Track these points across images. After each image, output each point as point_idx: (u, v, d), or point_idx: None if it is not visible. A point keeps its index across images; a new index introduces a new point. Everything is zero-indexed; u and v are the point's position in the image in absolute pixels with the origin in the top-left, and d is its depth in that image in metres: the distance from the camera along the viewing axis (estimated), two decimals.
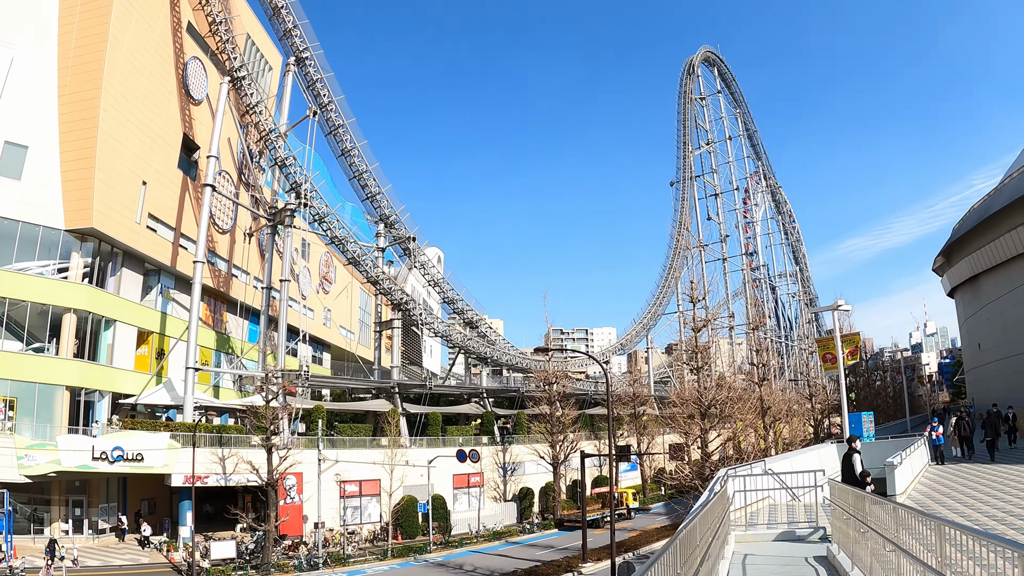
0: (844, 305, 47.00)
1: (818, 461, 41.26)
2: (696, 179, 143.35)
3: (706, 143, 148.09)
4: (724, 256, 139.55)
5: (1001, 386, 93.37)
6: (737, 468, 29.83)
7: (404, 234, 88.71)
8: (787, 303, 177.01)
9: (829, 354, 50.04)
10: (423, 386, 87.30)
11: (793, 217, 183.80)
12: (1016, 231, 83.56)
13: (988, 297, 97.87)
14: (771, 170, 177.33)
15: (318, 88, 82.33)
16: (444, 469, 74.81)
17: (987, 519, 20.40)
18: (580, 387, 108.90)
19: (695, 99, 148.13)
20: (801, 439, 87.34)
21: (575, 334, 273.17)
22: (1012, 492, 26.21)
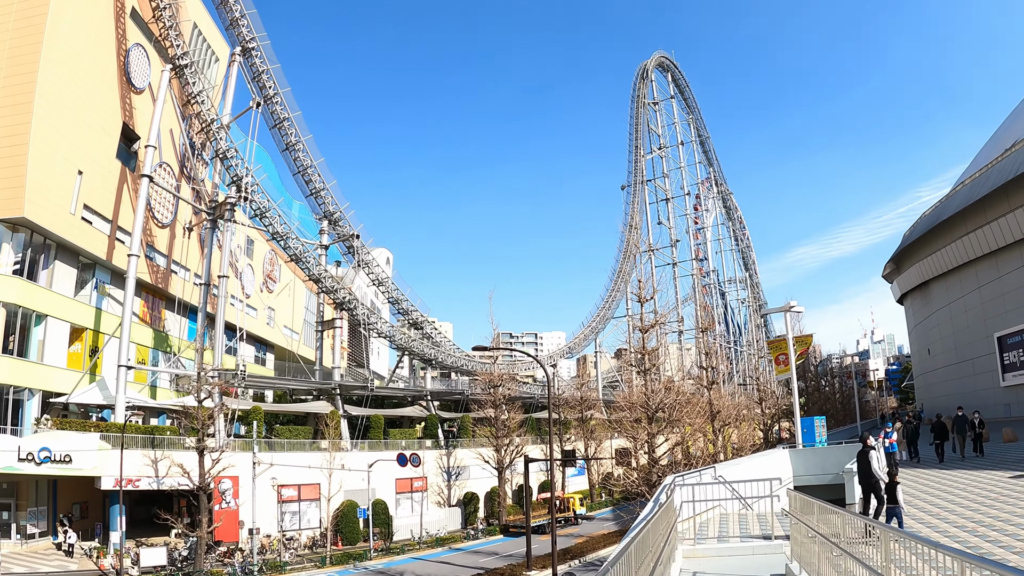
0: (797, 307, 45.87)
1: (772, 467, 40.01)
2: (647, 183, 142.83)
3: (658, 148, 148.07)
4: (674, 261, 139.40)
5: (950, 391, 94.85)
6: (685, 475, 28.15)
7: (348, 231, 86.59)
8: (736, 309, 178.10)
9: (782, 355, 49.05)
10: (365, 388, 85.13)
11: (743, 224, 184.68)
12: (967, 237, 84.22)
13: (938, 303, 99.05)
14: (722, 176, 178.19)
15: (263, 80, 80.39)
16: (386, 473, 72.93)
17: (966, 534, 19.01)
18: (527, 390, 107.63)
19: (648, 103, 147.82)
20: (751, 444, 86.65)
21: (524, 338, 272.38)
22: (975, 500, 24.92)
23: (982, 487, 28.78)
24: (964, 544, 17.34)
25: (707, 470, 31.28)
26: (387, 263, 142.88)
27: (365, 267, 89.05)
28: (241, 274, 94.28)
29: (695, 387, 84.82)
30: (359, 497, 68.17)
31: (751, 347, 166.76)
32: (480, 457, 79.80)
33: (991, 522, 20.66)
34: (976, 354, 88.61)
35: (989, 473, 33.56)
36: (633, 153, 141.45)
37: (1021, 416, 73.88)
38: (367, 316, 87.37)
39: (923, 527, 20.39)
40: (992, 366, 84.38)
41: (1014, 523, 20.22)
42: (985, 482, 30.38)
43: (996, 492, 26.98)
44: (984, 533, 19.01)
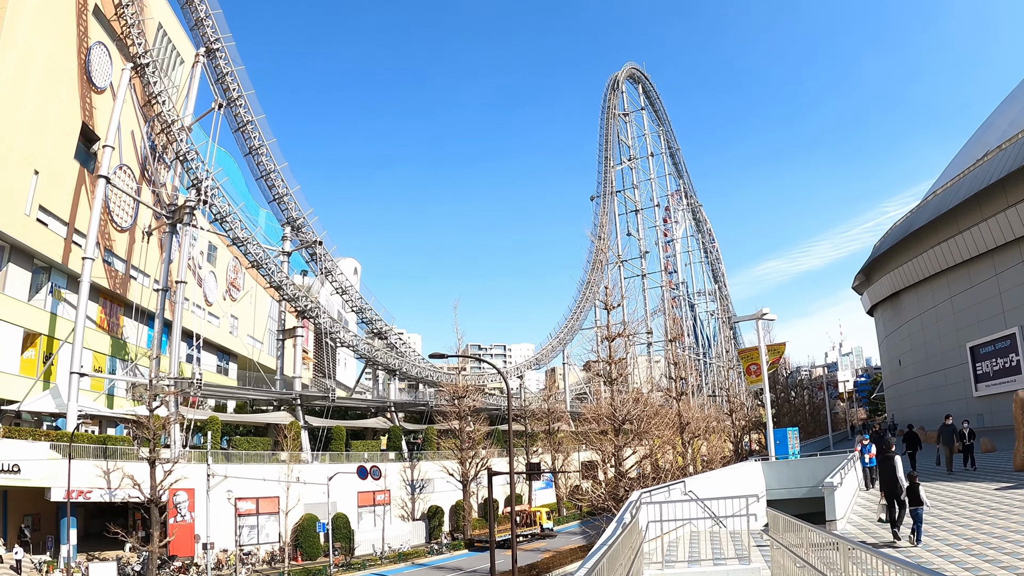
0: (769, 315, 44.59)
1: (744, 481, 38.63)
2: (617, 194, 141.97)
3: (628, 159, 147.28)
4: (643, 272, 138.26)
5: (921, 401, 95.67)
6: (653, 491, 26.43)
7: (311, 238, 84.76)
8: (705, 321, 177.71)
9: (754, 365, 47.87)
10: (325, 398, 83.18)
11: (713, 236, 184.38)
12: (939, 248, 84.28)
13: (909, 314, 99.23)
14: (692, 189, 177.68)
15: (228, 82, 78.59)
16: (348, 486, 71.12)
17: (964, 554, 17.68)
18: (493, 402, 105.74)
19: (619, 115, 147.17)
20: (721, 457, 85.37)
21: (493, 350, 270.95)
22: (965, 515, 23.62)
23: (969, 500, 27.49)
24: (972, 571, 15.88)
25: (676, 485, 29.09)
26: (355, 273, 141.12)
27: (328, 275, 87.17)
28: (203, 281, 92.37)
29: (664, 399, 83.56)
30: (320, 511, 66.40)
31: (720, 359, 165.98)
32: (444, 470, 78.21)
33: (985, 539, 19.51)
34: (948, 364, 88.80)
35: (973, 485, 32.23)
36: (603, 164, 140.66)
37: (994, 426, 73.71)
38: (330, 325, 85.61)
39: (919, 549, 19.36)
40: (964, 376, 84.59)
41: (1012, 539, 18.98)
42: (971, 495, 29.07)
43: (985, 505, 25.77)
44: (981, 552, 17.78)
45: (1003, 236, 74.20)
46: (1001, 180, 71.44)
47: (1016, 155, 69.82)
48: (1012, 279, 75.29)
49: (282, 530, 65.43)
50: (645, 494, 25.17)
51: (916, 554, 18.98)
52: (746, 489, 38.15)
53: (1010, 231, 72.89)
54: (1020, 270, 73.90)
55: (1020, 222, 71.09)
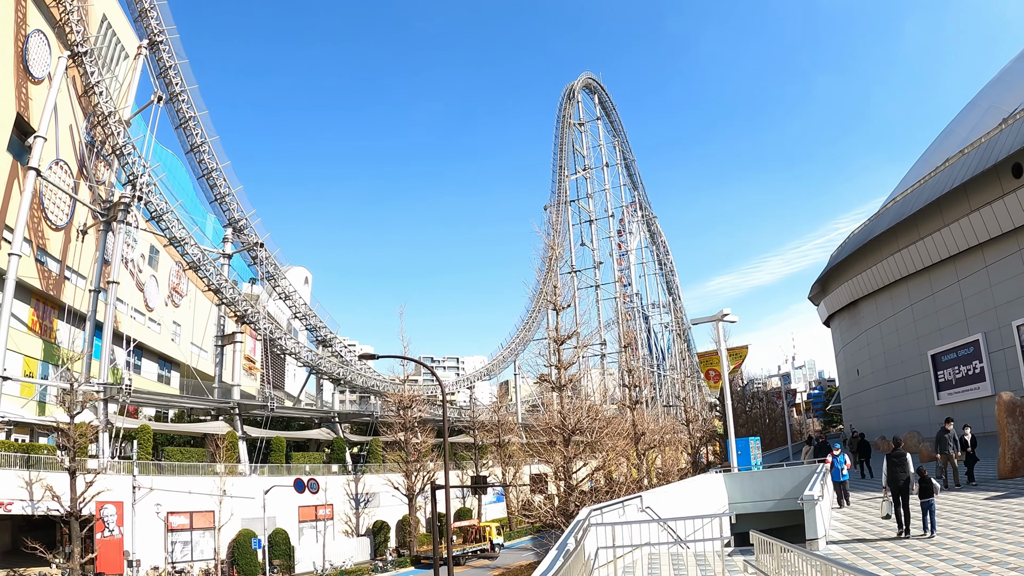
0: (730, 316, 42.05)
1: (706, 494, 36.00)
2: (571, 204, 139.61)
3: (583, 169, 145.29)
4: (597, 283, 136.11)
5: (880, 411, 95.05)
6: (604, 508, 22.44)
7: (253, 239, 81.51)
8: (660, 333, 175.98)
9: (713, 371, 45.34)
10: (265, 407, 79.58)
11: (667, 248, 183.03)
12: (899, 254, 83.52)
13: (868, 322, 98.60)
14: (647, 200, 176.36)
15: (170, 76, 75.49)
16: (289, 500, 67.87)
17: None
18: (441, 413, 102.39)
19: (574, 124, 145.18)
20: (678, 469, 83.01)
21: (446, 362, 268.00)
22: (964, 527, 21.07)
23: (962, 513, 25.11)
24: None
25: (632, 500, 25.87)
26: (305, 283, 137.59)
27: (271, 279, 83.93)
28: (144, 286, 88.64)
29: (618, 409, 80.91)
30: (258, 526, 63.05)
31: (675, 371, 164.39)
32: (390, 483, 75.10)
33: (999, 557, 16.87)
34: (908, 373, 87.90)
35: (959, 495, 30.01)
36: (557, 173, 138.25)
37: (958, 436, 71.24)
38: (271, 331, 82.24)
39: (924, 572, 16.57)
40: (925, 384, 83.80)
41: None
42: (962, 506, 26.71)
43: (983, 517, 23.44)
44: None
45: (966, 241, 73.18)
46: (963, 184, 70.24)
47: (979, 159, 68.63)
48: (975, 285, 74.38)
49: (217, 546, 61.97)
50: (595, 512, 21.15)
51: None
52: (709, 503, 35.52)
53: (973, 236, 71.82)
54: (983, 276, 72.93)
55: (984, 227, 70.00)
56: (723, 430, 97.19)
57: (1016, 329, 68.41)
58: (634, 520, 22.38)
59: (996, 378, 71.50)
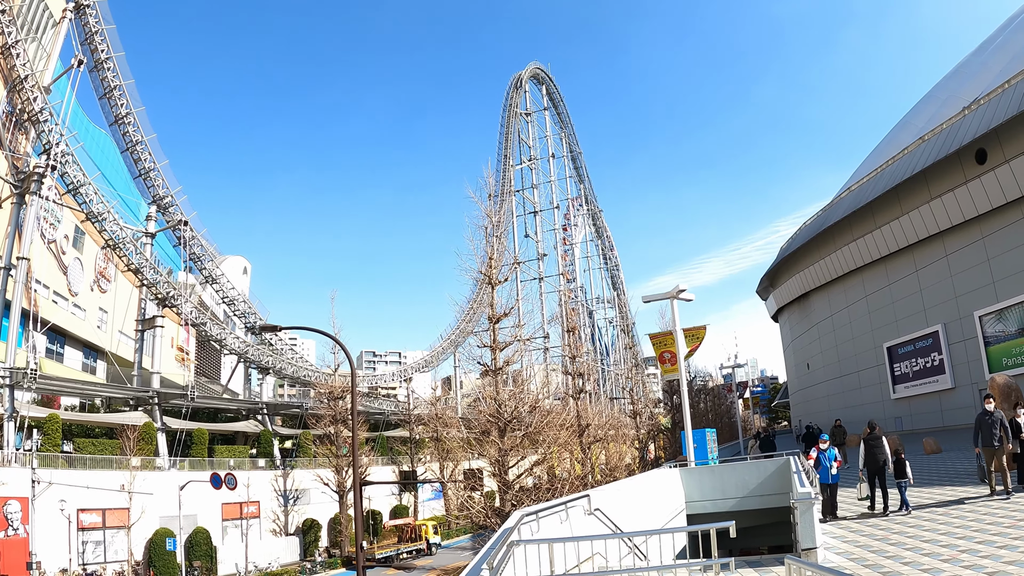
0: (686, 293, 38.37)
1: (662, 491, 32.17)
2: (515, 194, 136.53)
3: (528, 159, 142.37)
4: (540, 275, 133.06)
5: (832, 406, 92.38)
6: (542, 513, 16.99)
7: (178, 218, 76.86)
8: (604, 329, 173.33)
9: (668, 352, 41.56)
10: (185, 396, 74.56)
11: (612, 244, 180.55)
12: (854, 244, 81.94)
13: (819, 315, 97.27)
14: (593, 194, 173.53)
15: (96, 42, 71.49)
16: (211, 497, 63.15)
17: None
18: (377, 406, 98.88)
19: (520, 114, 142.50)
20: (625, 464, 79.55)
21: (388, 357, 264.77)
22: (993, 539, 17.03)
23: (988, 518, 19.99)
24: None
25: (577, 500, 20.38)
26: (244, 273, 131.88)
27: (196, 260, 79.34)
28: (68, 269, 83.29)
29: (562, 402, 77.00)
30: (177, 524, 58.41)
31: (619, 366, 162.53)
32: (319, 479, 70.66)
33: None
34: (862, 366, 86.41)
35: (952, 492, 26.09)
36: (502, 163, 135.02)
37: (914, 429, 71.37)
38: (195, 316, 77.53)
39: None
40: (880, 378, 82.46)
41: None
42: (987, 514, 22.37)
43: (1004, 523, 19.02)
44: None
45: (926, 229, 71.40)
46: (924, 171, 68.40)
47: (941, 146, 66.88)
48: (934, 275, 72.69)
49: (131, 546, 57.26)
50: (528, 518, 15.80)
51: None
52: (666, 502, 31.73)
53: (934, 224, 70.09)
54: (943, 265, 71.30)
55: (945, 214, 68.30)
56: (670, 424, 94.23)
57: (978, 320, 66.99)
58: (583, 536, 17.29)
59: (956, 370, 70.19)
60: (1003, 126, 58.83)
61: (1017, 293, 62.72)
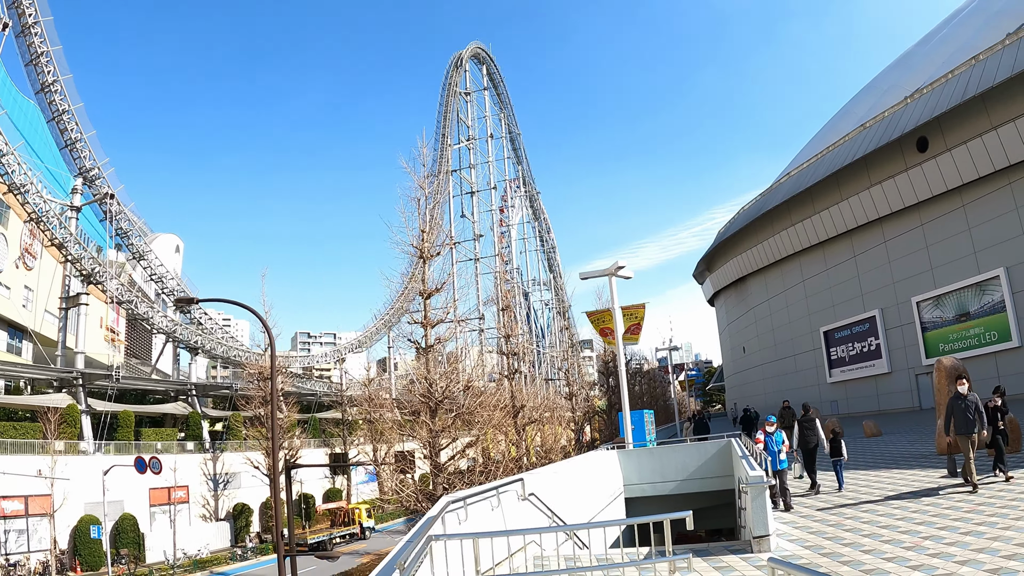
0: (625, 270, 37.40)
1: (600, 474, 31.24)
2: (452, 174, 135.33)
3: (467, 139, 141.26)
4: (476, 256, 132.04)
5: (768, 389, 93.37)
6: (469, 500, 15.61)
7: (104, 191, 74.44)
8: (540, 311, 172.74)
9: (607, 328, 40.59)
10: (110, 377, 72.23)
11: (549, 226, 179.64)
12: (792, 229, 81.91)
13: (756, 299, 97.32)
14: (531, 176, 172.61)
15: (23, 5, 68.75)
16: (138, 482, 61.46)
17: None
18: (309, 387, 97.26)
19: (460, 93, 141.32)
20: (560, 446, 78.78)
21: (323, 338, 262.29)
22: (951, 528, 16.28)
23: (945, 503, 19.36)
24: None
25: (510, 484, 19.09)
26: (176, 251, 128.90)
27: (124, 236, 76.99)
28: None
29: (497, 384, 75.90)
30: (102, 511, 56.40)
31: (555, 349, 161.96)
32: (250, 462, 68.98)
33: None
34: (799, 350, 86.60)
35: (899, 475, 25.58)
36: (439, 142, 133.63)
37: (850, 413, 71.61)
38: (121, 294, 75.24)
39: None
40: (816, 362, 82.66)
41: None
42: (903, 486, 22.06)
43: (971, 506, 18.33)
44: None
45: (865, 215, 71.47)
46: (864, 157, 68.18)
47: (882, 133, 66.79)
48: (872, 260, 72.83)
49: (55, 534, 55.17)
50: (454, 504, 14.53)
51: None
52: (604, 486, 30.81)
53: (873, 210, 70.16)
54: (881, 251, 71.43)
55: (885, 201, 68.38)
56: (606, 406, 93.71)
57: (915, 305, 67.41)
58: (514, 530, 15.99)
59: (893, 355, 70.58)
60: (946, 115, 58.94)
61: (955, 280, 63.12)
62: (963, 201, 61.95)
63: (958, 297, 63.38)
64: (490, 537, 12.87)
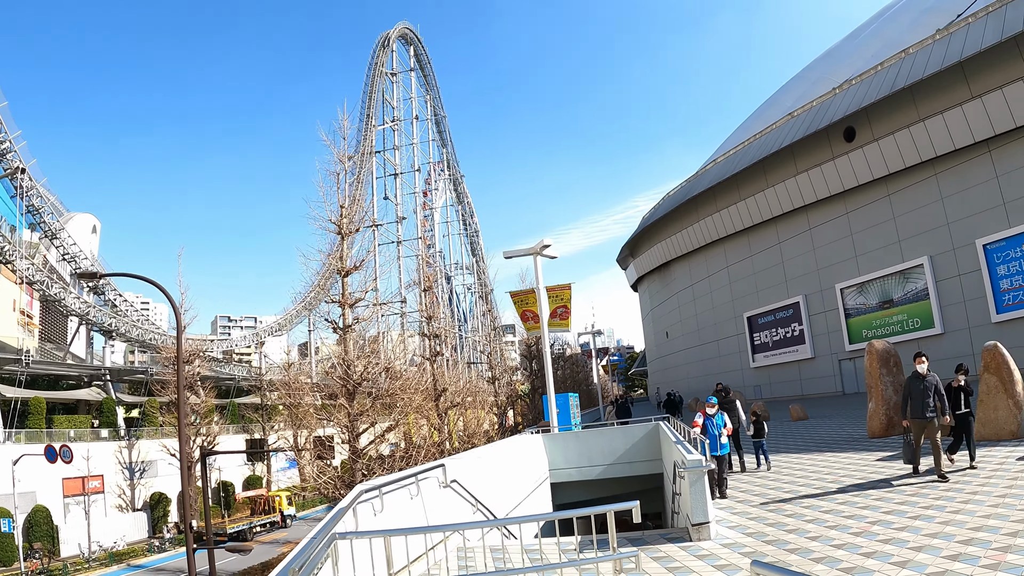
0: (550, 249, 36.69)
1: (525, 459, 30.41)
2: (376, 155, 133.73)
3: (391, 120, 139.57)
4: (399, 239, 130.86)
5: (691, 374, 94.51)
6: (386, 488, 14.23)
7: (17, 165, 71.78)
8: (462, 295, 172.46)
9: (529, 311, 39.76)
10: (18, 361, 69.58)
11: (473, 210, 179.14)
12: (717, 215, 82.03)
13: (680, 284, 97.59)
14: (456, 160, 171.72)
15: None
16: (51, 472, 59.13)
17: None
18: (228, 371, 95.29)
19: (386, 73, 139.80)
20: (484, 431, 77.97)
21: (244, 322, 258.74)
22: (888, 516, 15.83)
23: (884, 487, 18.52)
24: None
25: (430, 471, 17.68)
26: (93, 232, 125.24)
27: (35, 214, 74.39)
28: None
29: (419, 368, 74.76)
30: (12, 503, 54.23)
31: (477, 334, 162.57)
32: (166, 449, 66.91)
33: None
34: (722, 335, 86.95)
35: (834, 458, 25.07)
36: (364, 122, 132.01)
37: (773, 397, 72.18)
38: (33, 273, 72.73)
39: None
40: (740, 347, 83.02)
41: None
42: (837, 468, 21.53)
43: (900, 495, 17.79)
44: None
45: (791, 203, 71.86)
46: (791, 146, 68.64)
47: (810, 122, 67.23)
48: (797, 247, 73.34)
49: None
50: (369, 494, 13.18)
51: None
52: (529, 471, 30.02)
53: (799, 198, 70.60)
54: (806, 238, 71.98)
55: (811, 188, 68.92)
56: (529, 390, 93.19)
57: (839, 292, 68.06)
58: (434, 526, 14.58)
59: (816, 341, 71.20)
60: (874, 105, 59.56)
61: (879, 267, 63.89)
62: (889, 190, 62.68)
63: (882, 284, 64.13)
64: (404, 535, 11.87)
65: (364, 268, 37.65)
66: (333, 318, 36.27)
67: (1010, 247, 53.17)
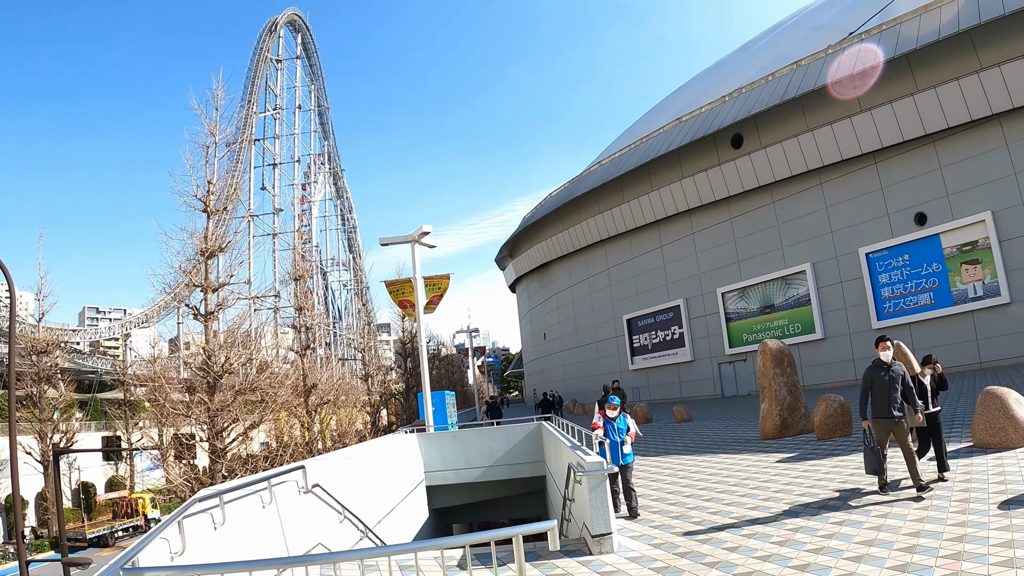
0: (430, 237, 35.38)
1: (399, 461, 28.70)
2: (255, 143, 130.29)
3: (274, 108, 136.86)
4: (275, 231, 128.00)
5: (569, 375, 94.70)
6: (229, 496, 12.16)
7: None
8: (338, 292, 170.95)
9: (407, 301, 38.38)
10: None
11: (352, 206, 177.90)
12: (599, 217, 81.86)
13: (559, 286, 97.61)
14: (337, 153, 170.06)
15: None
16: None
17: None
18: (91, 364, 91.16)
19: (271, 59, 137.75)
20: (356, 430, 75.77)
21: (112, 313, 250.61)
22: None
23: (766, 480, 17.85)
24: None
25: (288, 474, 15.73)
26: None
27: None
28: None
29: (292, 365, 72.25)
30: None
31: (352, 330, 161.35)
32: (21, 448, 62.93)
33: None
34: (601, 337, 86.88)
35: (730, 459, 23.61)
36: (245, 108, 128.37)
37: (651, 399, 71.65)
38: None
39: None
40: (619, 349, 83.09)
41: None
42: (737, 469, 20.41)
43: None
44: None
45: (675, 206, 71.80)
46: (678, 150, 68.70)
47: (698, 128, 67.48)
48: (679, 251, 73.51)
49: None
50: (205, 503, 11.28)
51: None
52: (403, 473, 28.30)
53: (684, 202, 70.61)
54: (688, 242, 72.21)
55: (696, 193, 69.00)
56: (404, 389, 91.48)
57: (720, 296, 68.44)
58: (267, 559, 9.66)
59: (696, 344, 71.59)
60: (762, 114, 60.05)
61: (761, 273, 64.52)
62: (774, 197, 63.25)
63: (764, 290, 64.77)
64: (221, 572, 8.52)
65: (231, 250, 35.16)
66: (195, 303, 33.81)
67: (892, 256, 54.34)
